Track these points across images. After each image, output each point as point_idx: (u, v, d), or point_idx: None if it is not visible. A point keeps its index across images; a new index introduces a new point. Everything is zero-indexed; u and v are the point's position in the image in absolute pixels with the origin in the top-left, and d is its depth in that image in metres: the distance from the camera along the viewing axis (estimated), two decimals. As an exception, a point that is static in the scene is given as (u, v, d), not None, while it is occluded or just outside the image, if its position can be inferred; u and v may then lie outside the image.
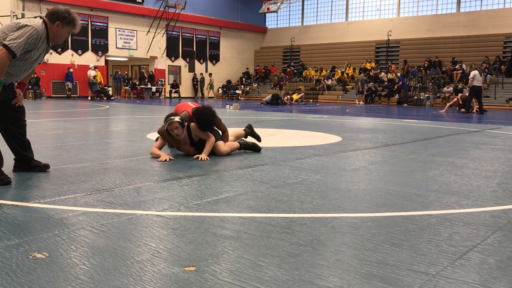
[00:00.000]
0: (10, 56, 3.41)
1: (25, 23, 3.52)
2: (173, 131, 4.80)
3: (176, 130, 4.79)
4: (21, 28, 3.47)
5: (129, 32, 26.19)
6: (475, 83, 14.87)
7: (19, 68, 3.61)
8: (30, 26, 3.49)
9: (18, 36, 3.43)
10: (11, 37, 3.41)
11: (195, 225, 2.57)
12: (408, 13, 27.30)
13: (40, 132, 7.23)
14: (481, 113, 15.06)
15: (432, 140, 7.10)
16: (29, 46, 3.51)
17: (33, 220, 2.61)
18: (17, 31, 3.45)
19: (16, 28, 3.47)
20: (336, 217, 2.79)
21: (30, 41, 3.48)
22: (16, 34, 3.43)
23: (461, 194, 3.44)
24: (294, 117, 12.26)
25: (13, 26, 3.50)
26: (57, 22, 3.66)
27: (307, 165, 4.57)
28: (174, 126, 4.78)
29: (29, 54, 3.58)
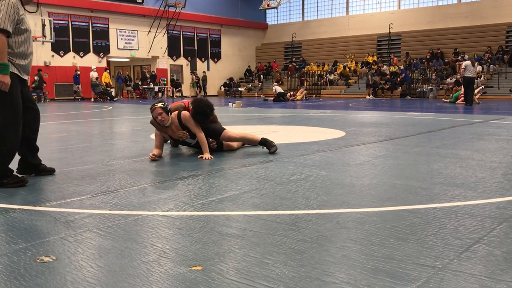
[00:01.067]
0: (5, 35, 3.41)
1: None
2: (157, 117, 4.79)
3: (159, 117, 4.77)
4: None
5: (130, 32, 26.22)
6: (467, 74, 14.61)
7: (24, 42, 3.60)
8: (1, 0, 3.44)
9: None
10: None
11: (201, 225, 2.57)
12: (409, 5, 27.19)
13: (44, 135, 7.26)
14: (469, 105, 14.72)
15: (436, 132, 7.07)
16: (15, 16, 3.47)
17: (40, 224, 2.63)
18: None
19: None
20: (341, 212, 2.79)
21: (10, 11, 3.44)
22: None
23: (466, 186, 3.43)
24: (297, 113, 12.25)
25: None
26: None
27: (311, 161, 4.57)
28: (157, 112, 4.78)
29: (21, 24, 3.56)
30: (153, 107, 4.84)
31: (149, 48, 26.99)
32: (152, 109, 4.84)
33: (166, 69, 28.24)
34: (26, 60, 3.67)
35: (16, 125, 3.58)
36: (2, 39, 3.40)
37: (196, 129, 4.90)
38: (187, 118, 4.89)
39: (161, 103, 4.85)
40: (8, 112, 3.52)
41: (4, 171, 3.55)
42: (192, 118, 4.90)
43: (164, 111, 4.78)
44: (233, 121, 9.67)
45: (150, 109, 4.87)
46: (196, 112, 4.89)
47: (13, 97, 3.54)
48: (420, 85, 22.66)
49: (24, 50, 3.62)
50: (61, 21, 23.21)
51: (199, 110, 4.90)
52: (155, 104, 4.86)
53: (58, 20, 22.90)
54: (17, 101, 3.58)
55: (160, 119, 4.78)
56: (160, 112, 4.76)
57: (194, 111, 4.90)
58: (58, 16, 23.00)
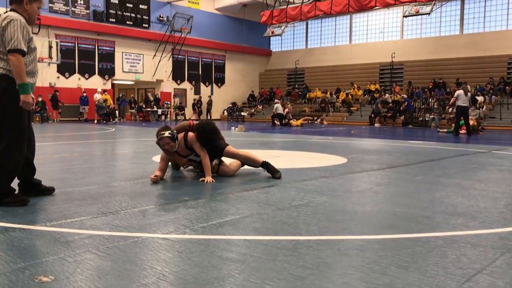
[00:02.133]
0: (21, 54, 3.49)
1: (5, 22, 3.52)
2: (165, 146, 4.80)
3: (167, 146, 4.79)
4: (7, 27, 3.49)
5: (136, 56, 26.55)
6: (459, 103, 14.47)
7: (32, 61, 3.68)
8: (12, 20, 3.52)
9: (12, 34, 3.47)
10: (8, 41, 3.46)
11: (201, 248, 2.56)
12: (411, 35, 27.54)
13: (47, 156, 7.28)
14: (468, 134, 14.70)
15: (438, 161, 7.07)
16: (26, 35, 3.57)
17: (39, 243, 2.62)
18: (8, 32, 3.48)
19: (3, 31, 3.50)
20: (342, 239, 2.78)
21: (23, 31, 3.54)
22: (9, 35, 3.47)
23: (468, 216, 3.42)
24: (299, 138, 12.28)
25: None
26: (24, 1, 3.68)
27: (312, 187, 4.57)
28: (165, 142, 4.78)
29: (31, 43, 3.65)
30: (161, 136, 4.79)
31: (154, 72, 27.29)
32: (159, 137, 4.80)
33: (170, 92, 28.48)
34: (34, 78, 3.72)
35: (21, 144, 3.60)
36: (20, 60, 3.48)
37: (201, 152, 4.93)
38: (193, 140, 4.94)
39: (168, 132, 4.79)
40: (14, 130, 3.54)
41: (6, 189, 3.56)
42: (197, 141, 4.93)
43: (171, 141, 4.79)
44: (235, 145, 9.67)
45: (157, 136, 4.84)
46: (201, 136, 4.92)
47: (21, 116, 3.58)
48: (422, 114, 22.76)
49: (32, 68, 3.69)
50: (68, 43, 23.55)
51: (203, 134, 4.92)
52: (162, 132, 4.80)
53: (65, 42, 23.24)
54: (24, 121, 3.61)
55: (167, 148, 4.81)
56: (168, 142, 4.78)
57: (199, 135, 4.92)
58: (65, 38, 23.34)
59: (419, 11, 21.42)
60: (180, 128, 5.17)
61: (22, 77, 3.49)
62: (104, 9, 24.71)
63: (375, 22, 28.82)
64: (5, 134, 3.52)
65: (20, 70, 3.47)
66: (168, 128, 4.88)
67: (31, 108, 3.59)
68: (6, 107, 3.51)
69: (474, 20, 25.35)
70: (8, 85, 3.52)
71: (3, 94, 3.51)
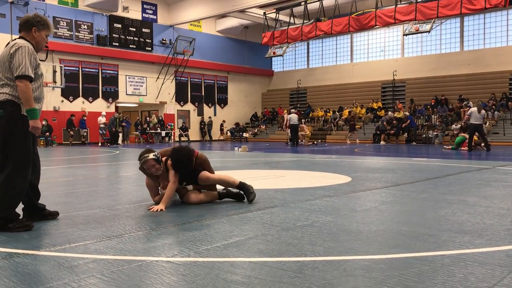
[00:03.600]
0: (29, 80, 3.54)
1: (14, 48, 3.58)
2: (150, 169, 4.54)
3: (152, 168, 4.53)
4: (16, 54, 3.55)
5: (139, 79, 26.80)
6: (472, 121, 14.52)
7: (39, 87, 3.73)
8: (21, 47, 3.58)
9: (20, 61, 3.53)
10: (16, 67, 3.52)
11: (205, 271, 2.54)
12: (412, 53, 27.72)
13: (51, 180, 7.30)
14: (488, 150, 14.77)
15: (442, 178, 7.04)
16: (34, 62, 3.63)
17: (44, 269, 2.60)
18: (16, 59, 3.54)
19: (11, 57, 3.56)
20: (348, 259, 2.75)
21: (31, 58, 3.60)
22: (17, 62, 3.53)
23: (474, 233, 3.39)
24: (303, 158, 12.27)
25: (6, 60, 3.59)
26: (33, 28, 3.76)
27: (317, 207, 4.54)
28: (150, 165, 4.52)
29: (38, 70, 3.71)
30: (145, 158, 4.53)
31: (157, 94, 27.49)
32: (143, 161, 4.53)
33: (174, 114, 28.64)
34: (40, 104, 3.76)
35: (26, 170, 3.62)
36: (28, 86, 3.53)
37: (172, 178, 4.57)
38: (169, 165, 4.64)
39: (153, 154, 4.55)
40: (19, 156, 3.56)
41: (11, 215, 3.56)
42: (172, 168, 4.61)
43: (157, 163, 4.54)
44: (238, 166, 9.69)
45: (140, 159, 4.57)
46: (173, 162, 4.59)
47: (26, 141, 3.60)
48: (426, 131, 22.75)
49: (38, 94, 3.74)
50: (72, 67, 23.82)
51: (175, 160, 4.59)
52: (146, 155, 4.54)
53: (68, 67, 23.51)
54: (29, 146, 3.63)
55: (153, 171, 4.55)
56: (153, 164, 4.52)
57: (172, 161, 4.60)
58: (69, 63, 23.62)
59: (419, 29, 21.61)
60: (164, 152, 4.83)
61: (30, 103, 3.53)
62: (107, 34, 25.05)
63: (376, 41, 29.06)
64: (10, 160, 3.54)
65: (28, 96, 3.52)
66: (151, 150, 4.65)
67: (40, 133, 3.63)
68: (12, 133, 3.54)
69: (474, 37, 25.53)
70: (13, 111, 3.56)
71: (8, 120, 3.55)
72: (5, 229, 3.51)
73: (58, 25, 23.25)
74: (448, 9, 19.90)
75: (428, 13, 20.46)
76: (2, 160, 3.56)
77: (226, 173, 6.91)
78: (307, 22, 24.67)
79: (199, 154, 4.89)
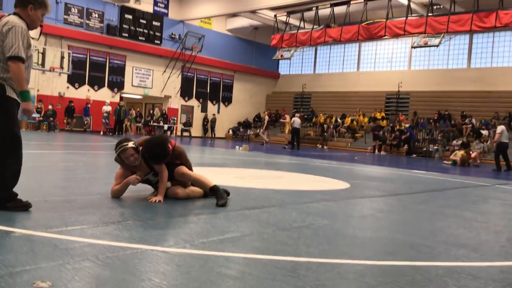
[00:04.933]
0: (22, 63, 3.47)
1: (7, 27, 3.49)
2: (129, 159, 4.30)
3: (131, 158, 4.30)
4: (8, 33, 3.46)
5: (146, 71, 26.82)
6: (503, 139, 14.11)
7: (27, 68, 3.65)
8: (13, 26, 3.48)
9: (13, 41, 3.44)
10: (9, 47, 3.43)
11: (200, 263, 2.55)
12: (419, 66, 27.72)
13: (52, 164, 7.31)
14: (509, 170, 14.35)
15: (440, 192, 7.05)
16: (26, 43, 3.55)
17: (39, 249, 2.62)
18: (9, 38, 3.44)
19: (3, 37, 3.47)
20: (342, 263, 2.76)
21: (24, 38, 3.52)
22: (10, 42, 3.44)
23: (470, 247, 3.40)
24: (303, 161, 12.28)
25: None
26: (29, 6, 3.64)
27: (314, 210, 4.55)
28: (129, 154, 4.28)
29: (29, 50, 3.63)
30: (123, 147, 4.29)
31: (163, 88, 27.51)
32: (122, 149, 4.29)
33: (177, 109, 28.66)
34: (28, 83, 3.71)
35: (17, 150, 3.59)
36: (20, 67, 3.46)
37: (160, 167, 4.41)
38: None
39: (132, 143, 4.34)
40: (9, 137, 3.53)
41: (8, 194, 3.57)
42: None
43: (136, 152, 4.30)
44: (238, 164, 9.70)
45: (118, 148, 4.33)
46: (149, 156, 4.33)
47: (14, 122, 3.57)
48: (426, 144, 22.75)
49: (26, 75, 3.63)
50: (80, 54, 23.84)
51: (150, 153, 4.31)
52: (125, 144, 4.31)
53: (77, 54, 23.53)
54: (18, 127, 3.61)
55: (132, 160, 4.32)
56: (132, 153, 4.28)
57: (147, 154, 4.33)
58: (78, 50, 23.64)
59: (427, 43, 21.61)
60: (141, 142, 4.54)
61: (23, 84, 3.49)
62: (117, 24, 25.07)
63: (383, 51, 29.07)
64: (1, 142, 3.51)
65: (20, 78, 3.46)
66: (129, 139, 4.44)
67: (31, 115, 3.58)
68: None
69: (482, 54, 25.54)
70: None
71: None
72: (3, 208, 3.53)
73: (70, 11, 23.27)
74: (459, 25, 19.91)
75: (438, 28, 20.47)
76: None
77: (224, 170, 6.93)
78: (317, 28, 24.69)
79: (176, 145, 4.66)
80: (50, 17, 22.47)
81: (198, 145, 18.97)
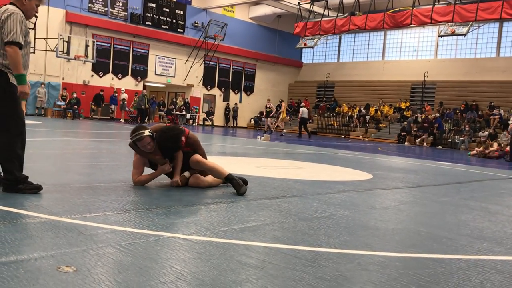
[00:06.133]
0: (19, 48, 3.60)
1: (6, 14, 3.62)
2: (145, 146, 4.38)
3: (148, 146, 4.38)
4: (7, 20, 3.60)
5: (169, 59, 26.98)
6: None
7: (26, 54, 3.79)
8: (12, 14, 3.63)
9: (11, 27, 3.58)
10: (7, 33, 3.57)
11: (221, 251, 2.57)
12: (445, 55, 27.12)
13: (76, 151, 7.45)
14: None
15: (465, 184, 6.92)
16: (24, 29, 3.69)
17: (64, 234, 2.67)
18: (7, 25, 3.59)
19: (2, 23, 3.61)
20: (363, 254, 2.74)
21: (22, 25, 3.66)
22: (8, 28, 3.58)
23: (494, 241, 3.33)
24: (325, 151, 12.21)
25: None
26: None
27: (336, 200, 4.53)
28: (146, 142, 4.35)
29: (27, 37, 3.77)
30: (140, 135, 4.33)
31: (185, 76, 27.65)
32: (139, 137, 4.34)
33: (200, 97, 28.80)
34: (26, 71, 3.81)
35: (22, 134, 3.75)
36: (17, 51, 3.60)
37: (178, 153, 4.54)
38: None
39: (148, 131, 4.39)
40: (15, 122, 3.69)
41: (19, 176, 3.69)
42: None
43: (152, 140, 4.39)
44: (259, 154, 9.70)
45: (134, 136, 4.38)
46: (160, 146, 4.42)
47: (18, 107, 3.73)
48: (452, 135, 22.33)
49: (25, 61, 3.79)
50: (104, 43, 24.12)
51: (162, 144, 4.40)
52: (142, 131, 4.36)
53: (101, 42, 23.81)
54: (22, 111, 3.77)
55: (149, 148, 4.41)
56: (149, 142, 4.37)
57: (159, 145, 4.42)
58: (102, 38, 23.92)
59: (455, 32, 21.11)
60: (155, 129, 4.58)
61: (19, 68, 3.60)
62: (141, 12, 25.24)
63: (409, 40, 28.53)
64: (5, 127, 3.65)
65: (17, 62, 3.59)
66: (144, 127, 4.48)
67: (27, 97, 3.71)
68: (2, 101, 3.63)
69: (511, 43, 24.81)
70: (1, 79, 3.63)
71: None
72: (16, 190, 3.66)
73: (94, 0, 23.52)
74: (488, 13, 19.38)
75: (466, 16, 19.96)
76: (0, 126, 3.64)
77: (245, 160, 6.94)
78: (341, 16, 24.37)
79: (190, 134, 4.70)
80: (75, 6, 22.78)
81: (220, 134, 19.05)
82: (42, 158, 6.12)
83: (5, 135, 3.65)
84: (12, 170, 3.66)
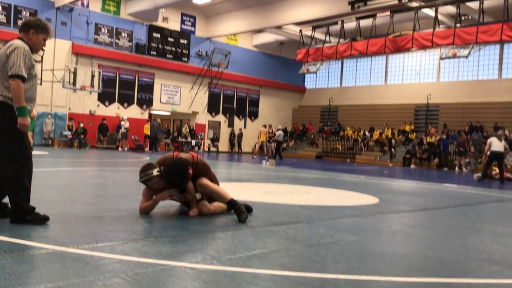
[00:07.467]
0: (21, 80, 3.68)
1: (10, 49, 3.73)
2: (154, 185, 4.49)
3: (156, 185, 4.49)
4: (11, 54, 3.70)
5: (174, 88, 27.28)
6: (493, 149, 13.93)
7: (32, 87, 3.86)
8: (17, 48, 3.72)
9: (15, 61, 3.67)
10: (10, 66, 3.66)
11: (227, 280, 2.56)
12: (448, 78, 27.25)
13: (83, 180, 7.48)
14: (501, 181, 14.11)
15: (472, 206, 6.87)
16: (28, 63, 3.77)
17: (70, 265, 2.68)
18: (11, 59, 3.68)
19: (7, 58, 3.70)
20: (371, 280, 2.72)
21: (26, 59, 3.74)
22: (12, 61, 3.67)
23: (504, 264, 3.29)
24: (330, 175, 12.19)
25: (2, 59, 3.73)
26: (31, 30, 3.88)
27: (342, 225, 4.51)
28: (155, 182, 4.46)
29: (32, 70, 3.85)
30: (149, 176, 4.42)
31: (190, 104, 27.89)
32: (147, 178, 4.44)
33: (205, 124, 28.98)
34: (31, 104, 3.90)
35: (29, 164, 3.80)
36: (19, 85, 3.68)
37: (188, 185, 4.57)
38: None
39: (156, 170, 4.44)
40: (22, 153, 3.74)
41: (26, 207, 3.71)
42: None
43: (160, 179, 4.47)
44: (264, 179, 9.70)
45: (143, 176, 4.46)
46: (168, 181, 4.48)
47: (25, 138, 3.79)
48: (457, 157, 22.22)
49: (31, 95, 3.87)
50: (110, 73, 24.47)
51: (170, 180, 4.46)
52: (150, 171, 4.43)
53: (107, 72, 24.15)
54: (28, 142, 3.84)
55: (158, 186, 4.51)
56: (157, 181, 4.46)
57: (166, 180, 4.48)
58: (108, 69, 24.27)
59: (456, 54, 21.26)
60: (162, 161, 4.69)
61: (20, 101, 3.68)
62: (146, 42, 25.66)
63: (411, 63, 28.74)
64: (15, 158, 3.71)
65: (19, 95, 3.66)
66: (152, 166, 4.49)
67: (27, 130, 3.78)
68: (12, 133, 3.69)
69: (513, 64, 24.94)
70: (6, 112, 3.70)
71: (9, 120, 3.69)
72: (23, 221, 3.69)
73: (100, 31, 23.97)
74: (488, 35, 19.55)
75: (466, 38, 20.14)
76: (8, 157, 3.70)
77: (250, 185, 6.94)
78: (342, 41, 24.66)
79: (199, 159, 4.74)
80: (81, 37, 23.21)
81: (225, 160, 19.08)
82: (49, 189, 6.16)
83: (12, 166, 3.70)
84: (19, 201, 3.69)
